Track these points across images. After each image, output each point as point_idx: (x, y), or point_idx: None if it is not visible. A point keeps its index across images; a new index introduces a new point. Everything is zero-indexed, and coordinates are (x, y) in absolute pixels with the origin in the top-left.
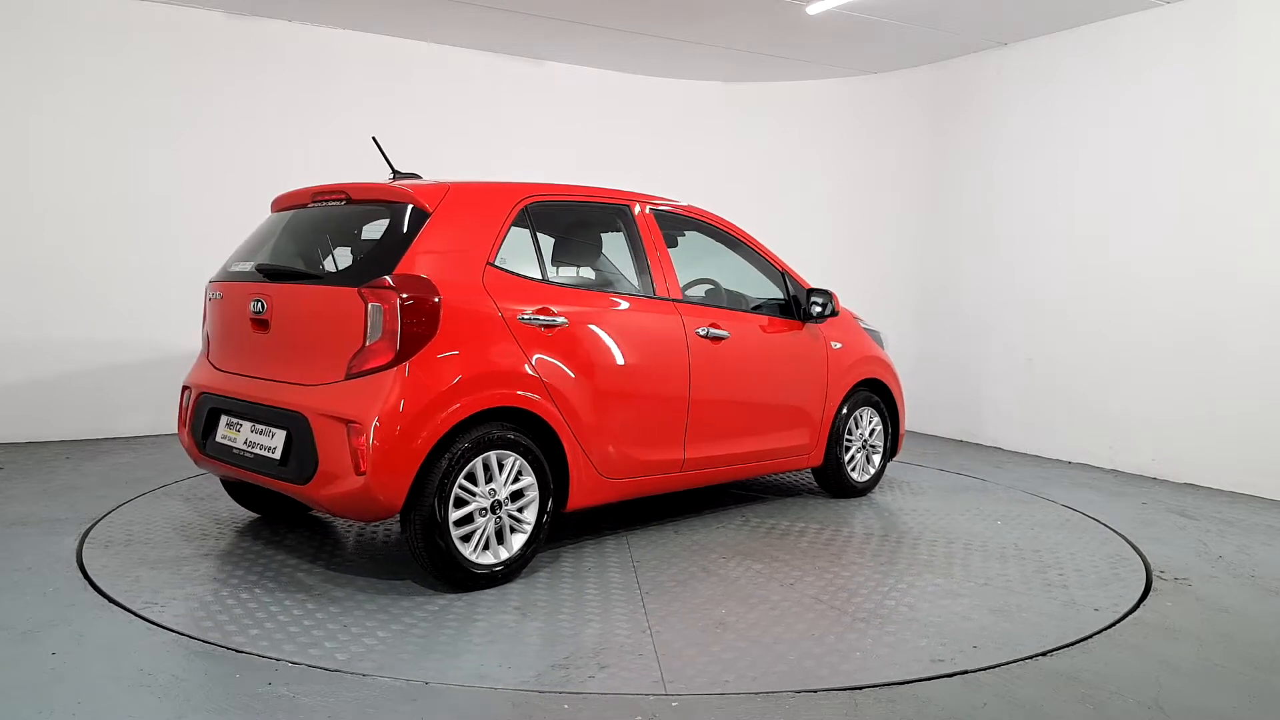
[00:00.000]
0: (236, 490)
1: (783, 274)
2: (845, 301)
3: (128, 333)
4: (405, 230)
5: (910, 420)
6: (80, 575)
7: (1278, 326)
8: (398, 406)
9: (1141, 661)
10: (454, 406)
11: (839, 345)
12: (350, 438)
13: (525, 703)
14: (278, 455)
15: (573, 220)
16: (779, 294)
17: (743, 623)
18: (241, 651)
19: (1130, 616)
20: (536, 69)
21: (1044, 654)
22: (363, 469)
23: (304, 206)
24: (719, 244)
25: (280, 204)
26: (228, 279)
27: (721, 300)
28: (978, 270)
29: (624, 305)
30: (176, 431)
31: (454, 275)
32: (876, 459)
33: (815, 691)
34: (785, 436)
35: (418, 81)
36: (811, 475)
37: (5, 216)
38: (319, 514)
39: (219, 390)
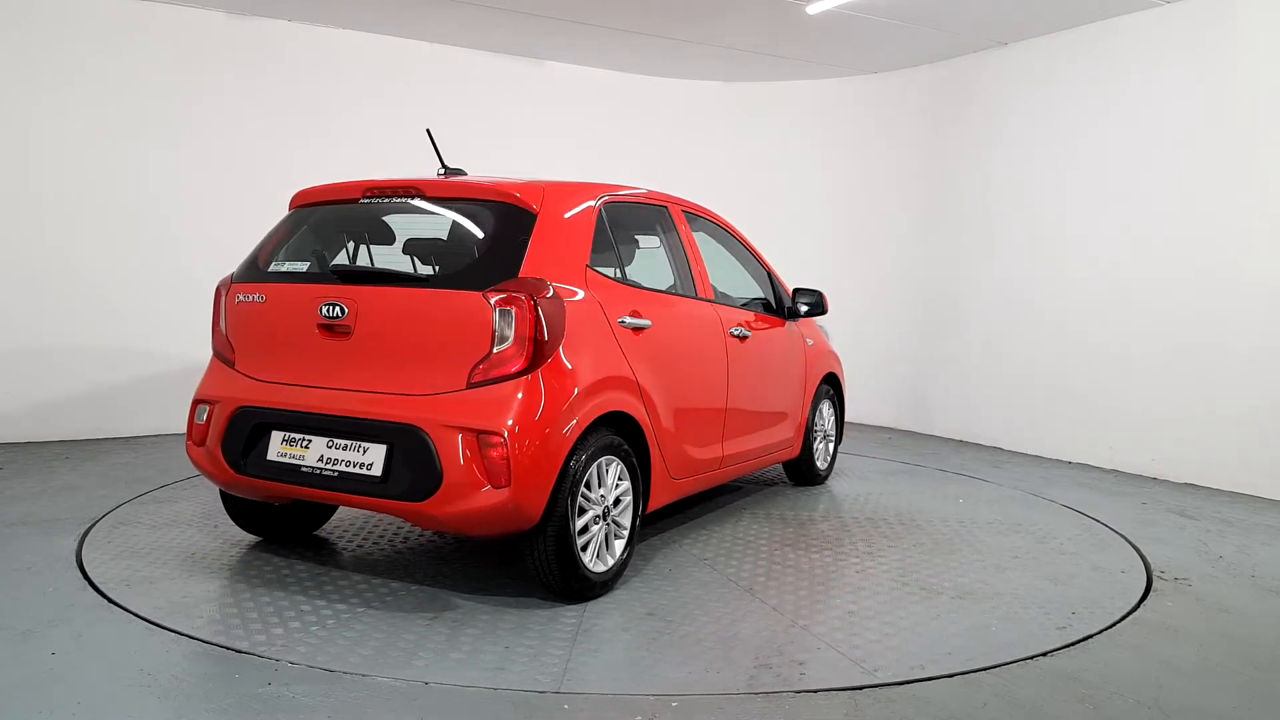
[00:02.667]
0: (241, 512)
1: (768, 272)
2: (845, 300)
3: (127, 333)
4: (517, 231)
5: (910, 420)
6: (80, 575)
7: (1277, 326)
8: (535, 414)
9: (1141, 661)
10: (583, 412)
11: (811, 342)
12: (484, 450)
13: (525, 703)
14: (377, 472)
15: (633, 221)
16: (765, 292)
17: (868, 610)
18: (241, 651)
19: (1130, 616)
20: (536, 69)
21: (1044, 654)
22: (503, 481)
23: (351, 202)
24: (719, 242)
25: (307, 199)
26: (271, 280)
27: (731, 299)
28: (977, 270)
29: (683, 306)
30: (188, 449)
31: (565, 277)
32: (831, 447)
33: (815, 692)
34: (780, 430)
35: (418, 81)
36: (781, 467)
37: (5, 216)
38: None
39: (267, 403)
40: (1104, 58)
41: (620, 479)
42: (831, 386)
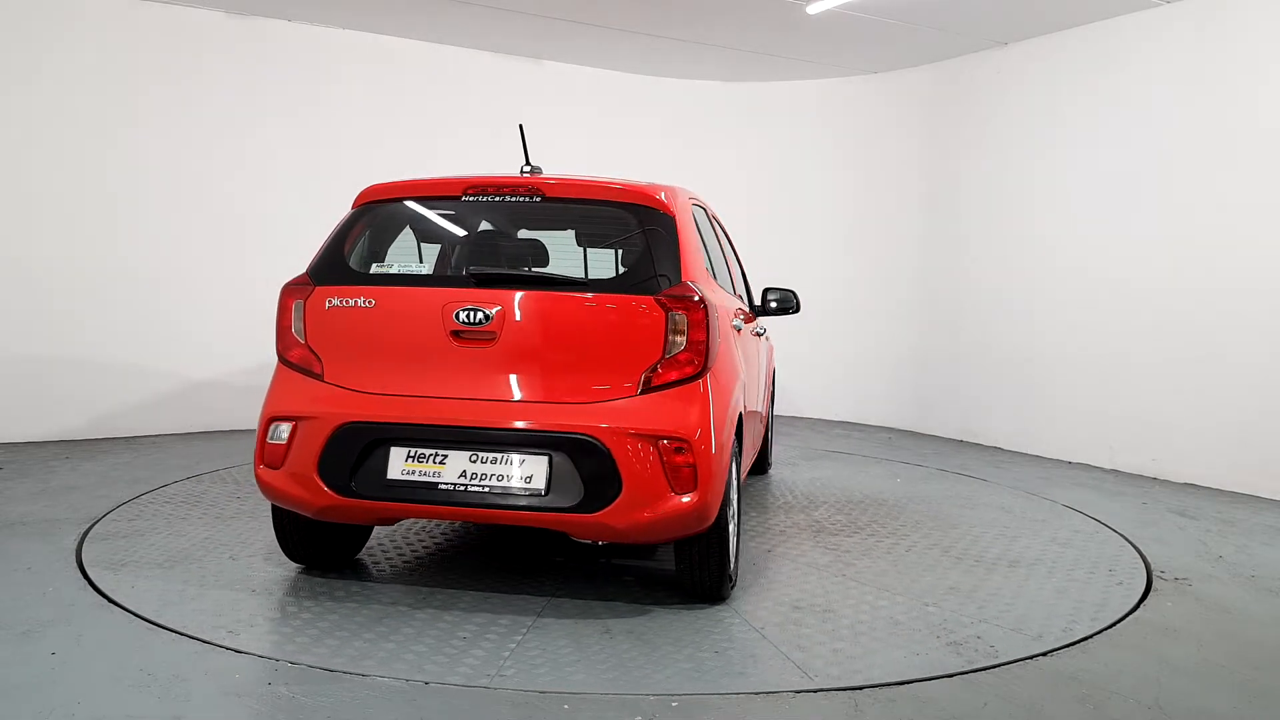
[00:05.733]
0: (304, 541)
1: (741, 269)
2: (845, 301)
3: (127, 333)
4: (664, 234)
5: (910, 420)
6: (80, 575)
7: (1277, 326)
8: (711, 418)
9: (1141, 661)
10: (737, 413)
11: (767, 338)
12: (666, 455)
13: (525, 703)
14: (538, 485)
15: (697, 220)
16: (740, 287)
17: (944, 587)
18: (241, 651)
19: (1130, 616)
20: (536, 69)
21: (1044, 654)
22: (689, 487)
23: (452, 199)
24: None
25: (384, 195)
26: (375, 283)
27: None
28: (977, 269)
29: (731, 303)
30: (259, 474)
31: (706, 280)
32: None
33: (815, 692)
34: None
35: (418, 81)
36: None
37: (4, 216)
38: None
39: (381, 418)
40: (1104, 58)
41: None
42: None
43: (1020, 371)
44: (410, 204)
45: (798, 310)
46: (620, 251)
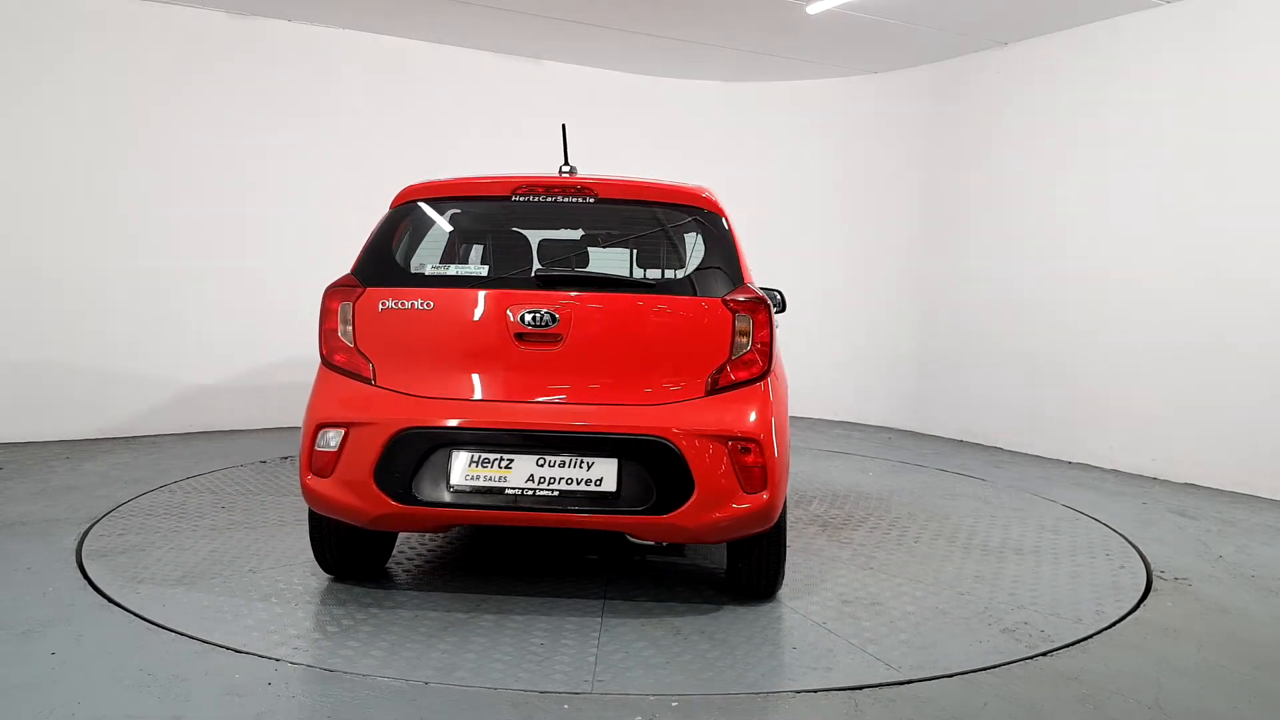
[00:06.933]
0: (344, 552)
1: None
2: (845, 300)
3: (127, 332)
4: (719, 235)
5: (910, 420)
6: (80, 575)
7: (1278, 326)
8: (775, 418)
9: (1141, 661)
10: (790, 413)
11: None
12: (735, 456)
13: (525, 703)
14: (609, 487)
15: None
16: None
17: (968, 575)
18: (242, 651)
19: (1130, 616)
20: (536, 69)
21: (1044, 654)
22: (758, 486)
23: (501, 200)
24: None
25: (428, 194)
26: (431, 285)
27: None
28: (977, 270)
29: None
30: (308, 484)
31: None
32: None
33: (815, 692)
34: None
35: (418, 81)
36: None
37: (4, 216)
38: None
39: (442, 422)
40: (1104, 58)
41: None
42: None
43: (1020, 371)
44: (456, 204)
45: (783, 310)
46: (673, 252)
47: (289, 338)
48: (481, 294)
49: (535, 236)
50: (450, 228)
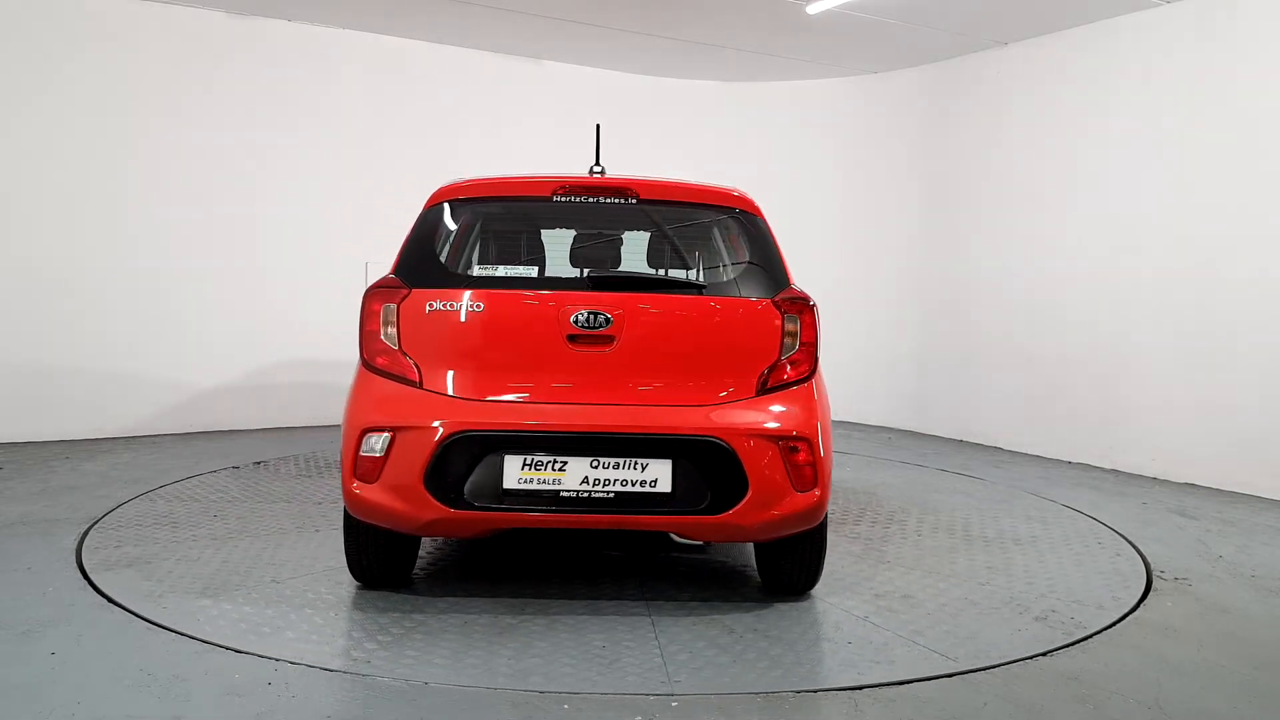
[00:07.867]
0: (383, 561)
1: None
2: (845, 301)
3: (127, 333)
4: (761, 237)
5: (910, 420)
6: (80, 575)
7: (1277, 326)
8: (821, 416)
9: (1141, 661)
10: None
11: None
12: (786, 455)
13: (525, 703)
14: (664, 488)
15: None
16: None
17: (981, 566)
18: (241, 651)
19: (1130, 616)
20: (536, 69)
21: (1044, 654)
22: (809, 484)
23: (543, 200)
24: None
25: (464, 193)
26: (482, 286)
27: None
28: (977, 269)
29: None
30: (351, 490)
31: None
32: None
33: (815, 692)
34: None
35: (418, 81)
36: None
37: (3, 216)
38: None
39: (494, 425)
40: (1104, 57)
41: None
42: None
43: (1020, 371)
44: (495, 204)
45: None
46: (715, 252)
47: (289, 338)
48: (534, 295)
49: (575, 237)
50: (490, 228)
